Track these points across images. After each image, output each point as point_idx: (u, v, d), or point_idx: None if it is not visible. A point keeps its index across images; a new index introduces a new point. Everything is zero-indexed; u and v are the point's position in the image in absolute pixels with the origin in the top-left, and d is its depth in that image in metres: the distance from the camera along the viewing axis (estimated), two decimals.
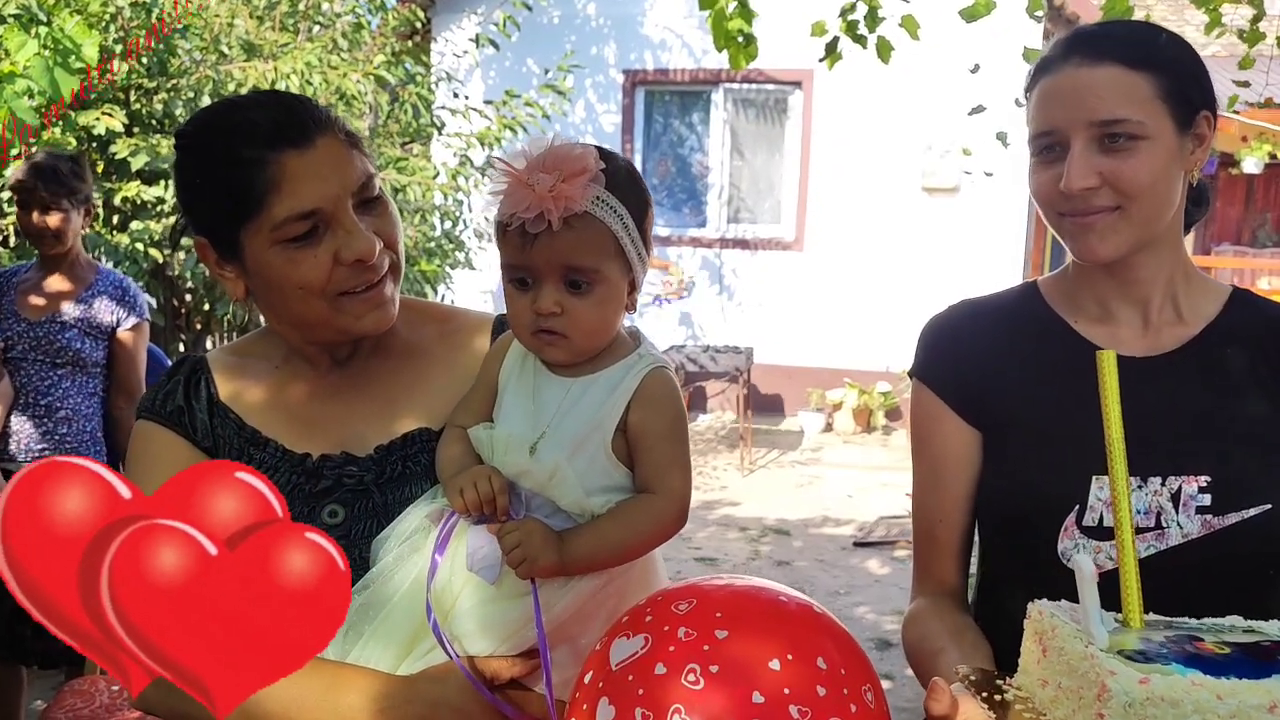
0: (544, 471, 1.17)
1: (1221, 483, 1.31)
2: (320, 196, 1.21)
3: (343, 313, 1.26)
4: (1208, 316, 1.41)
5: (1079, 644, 0.87)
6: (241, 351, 1.41)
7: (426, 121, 7.30)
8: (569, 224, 1.13)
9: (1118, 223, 1.31)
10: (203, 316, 5.95)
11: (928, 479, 1.49)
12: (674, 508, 1.20)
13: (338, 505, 1.29)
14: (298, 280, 1.22)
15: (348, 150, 1.25)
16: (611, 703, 0.97)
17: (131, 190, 5.19)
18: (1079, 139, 1.29)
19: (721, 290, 9.88)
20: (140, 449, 1.33)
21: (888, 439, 9.23)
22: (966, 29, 3.99)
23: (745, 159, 9.95)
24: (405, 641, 1.18)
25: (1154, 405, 1.34)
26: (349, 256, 1.22)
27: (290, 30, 6.54)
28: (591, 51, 9.70)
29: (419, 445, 1.33)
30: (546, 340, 1.21)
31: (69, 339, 3.28)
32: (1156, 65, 1.30)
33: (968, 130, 5.62)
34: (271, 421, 1.34)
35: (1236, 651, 0.86)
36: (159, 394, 1.34)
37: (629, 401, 1.20)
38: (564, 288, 1.18)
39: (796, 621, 1.03)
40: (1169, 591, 1.17)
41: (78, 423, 3.35)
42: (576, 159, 1.13)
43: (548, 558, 1.13)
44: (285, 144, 1.21)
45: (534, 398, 1.23)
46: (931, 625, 1.39)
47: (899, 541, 6.09)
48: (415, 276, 6.51)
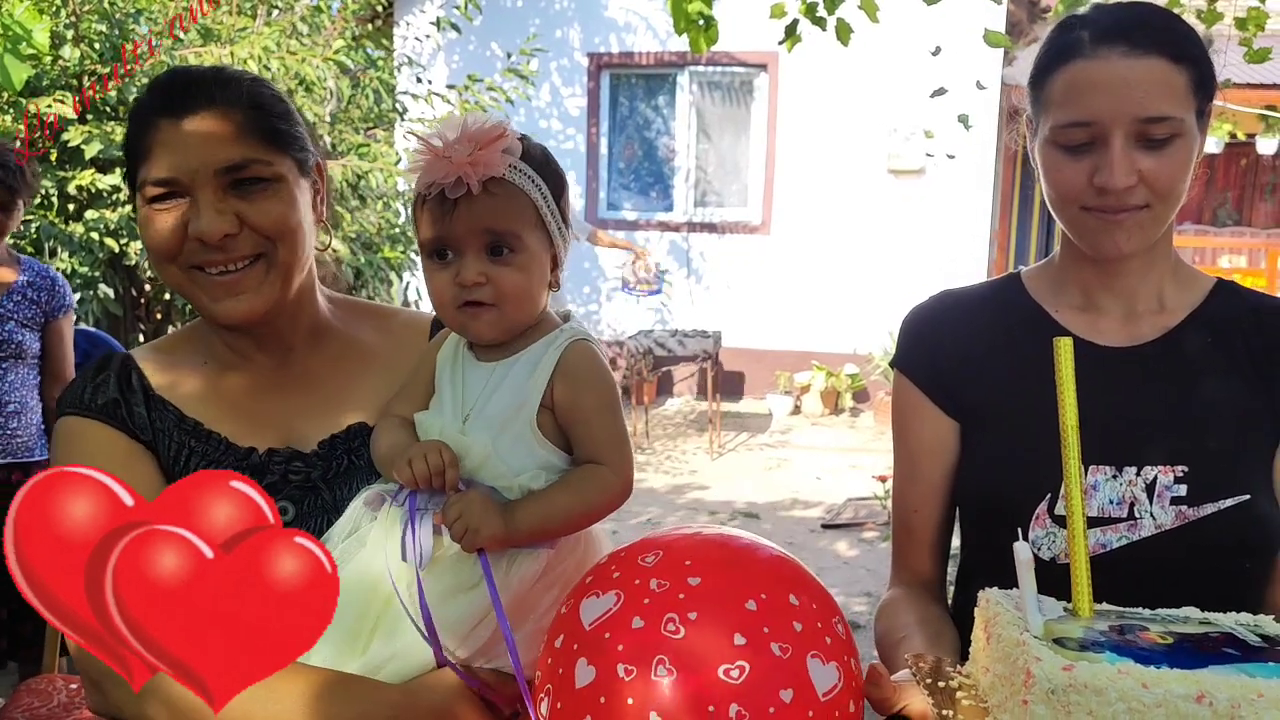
0: (471, 454, 1.17)
1: (1198, 473, 1.30)
2: (175, 167, 1.23)
3: (199, 288, 1.27)
4: (1190, 306, 1.39)
5: (1015, 631, 0.87)
6: (168, 348, 1.39)
7: (389, 107, 7.23)
8: (488, 189, 1.16)
9: (1144, 220, 1.28)
10: (163, 306, 5.86)
11: (905, 469, 1.48)
12: (620, 478, 1.20)
13: (287, 502, 1.28)
14: (148, 240, 1.27)
15: (236, 130, 1.25)
16: (590, 663, 0.96)
17: (86, 179, 5.10)
18: (1119, 133, 1.24)
19: (689, 274, 9.87)
20: (69, 446, 1.28)
21: (855, 421, 9.28)
22: (930, 11, 3.99)
23: (712, 142, 9.93)
24: (349, 636, 1.16)
25: (1131, 395, 1.34)
26: (192, 232, 1.24)
27: (248, 14, 6.44)
28: (556, 35, 9.63)
29: (361, 439, 1.32)
30: (471, 313, 1.21)
31: (9, 331, 3.25)
32: (1190, 58, 1.27)
33: (931, 112, 5.64)
34: (213, 415, 1.31)
35: (1181, 642, 0.85)
36: (85, 389, 1.30)
37: (551, 376, 1.20)
38: (486, 256, 1.19)
39: (761, 563, 1.04)
40: (1140, 582, 1.16)
41: (26, 415, 3.32)
42: (491, 129, 1.16)
43: (491, 526, 1.12)
44: (164, 111, 1.25)
45: (461, 384, 1.24)
46: (900, 617, 1.39)
47: (867, 523, 6.12)
48: (379, 264, 6.45)
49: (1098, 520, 1.31)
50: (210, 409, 1.32)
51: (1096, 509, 1.31)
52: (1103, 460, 1.32)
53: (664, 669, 0.92)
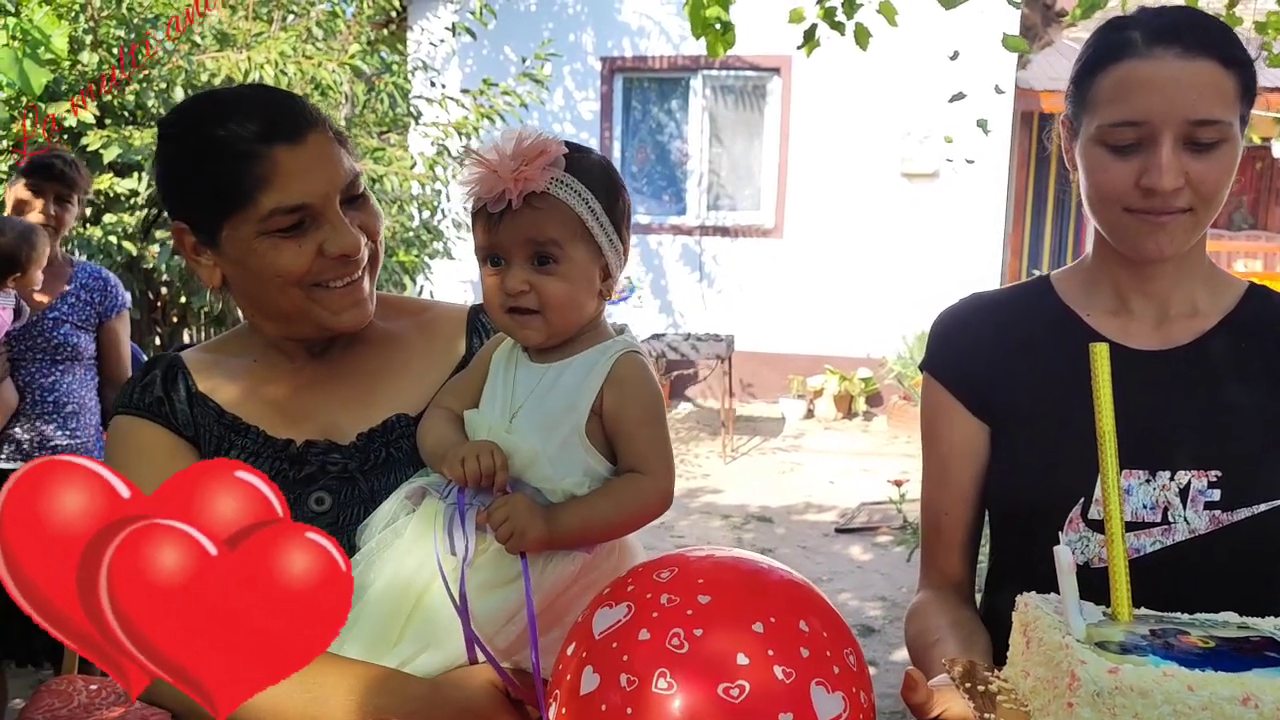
0: (519, 454, 1.20)
1: (1232, 478, 1.30)
2: (309, 192, 1.24)
3: (319, 305, 1.28)
4: (1223, 310, 1.39)
5: (1057, 635, 0.87)
6: (215, 349, 1.43)
7: (403, 111, 7.24)
8: (530, 203, 1.19)
9: (1186, 224, 1.28)
10: (179, 309, 5.89)
11: (936, 472, 1.48)
12: (661, 487, 1.23)
13: (324, 492, 1.30)
14: (279, 269, 1.25)
15: (336, 148, 1.29)
16: (596, 671, 0.97)
17: (104, 183, 5.13)
18: (1169, 135, 1.23)
19: (702, 278, 9.87)
20: (122, 443, 1.34)
21: (869, 425, 9.26)
22: (945, 15, 3.99)
23: (724, 145, 9.93)
24: (382, 627, 1.19)
25: (1164, 399, 1.34)
26: (334, 250, 1.25)
27: (264, 19, 6.46)
28: (569, 39, 9.65)
29: (399, 431, 1.35)
30: (519, 320, 1.25)
31: (65, 334, 3.28)
32: (1239, 63, 1.26)
33: (947, 116, 5.63)
34: (252, 411, 1.35)
35: (1221, 646, 0.85)
36: (135, 388, 1.35)
37: (602, 385, 1.23)
38: (531, 266, 1.23)
39: (777, 587, 1.04)
40: (1173, 587, 1.16)
41: (85, 416, 3.35)
42: (539, 145, 1.19)
43: (536, 530, 1.15)
44: (278, 139, 1.23)
45: (512, 383, 1.27)
46: (931, 619, 1.38)
47: (881, 527, 6.11)
48: (394, 267, 6.46)
49: (1132, 525, 1.31)
50: (250, 405, 1.35)
51: (1130, 514, 1.31)
52: (1136, 464, 1.31)
53: (665, 682, 0.93)
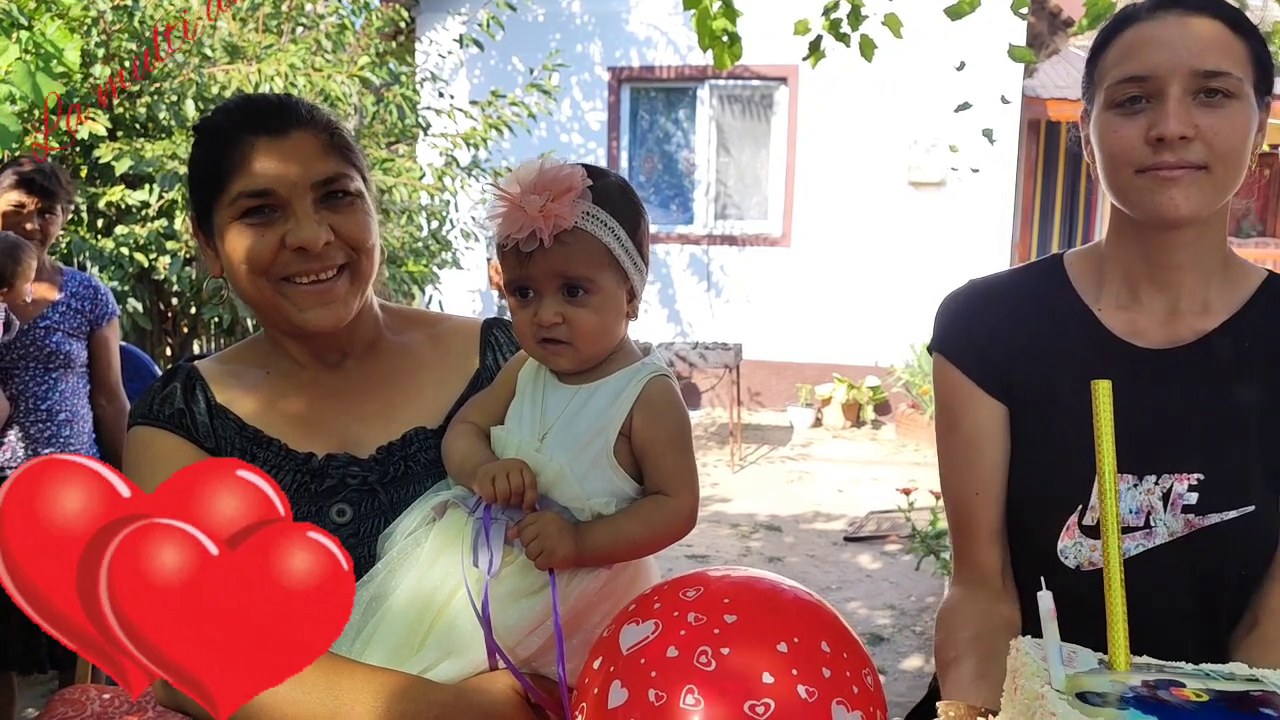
0: (546, 472, 1.21)
1: (1211, 482, 1.30)
2: (276, 180, 1.27)
3: (287, 300, 1.30)
4: (1233, 307, 1.36)
5: (1037, 684, 0.83)
6: (231, 359, 1.44)
7: (412, 122, 7.26)
8: (560, 239, 1.19)
9: (1202, 181, 1.26)
10: (189, 320, 5.92)
11: (960, 454, 1.43)
12: (686, 509, 1.25)
13: (345, 505, 1.32)
14: (243, 255, 1.28)
15: (324, 148, 1.31)
16: (624, 686, 0.99)
17: (116, 194, 5.16)
18: (1176, 86, 1.24)
19: (709, 287, 9.88)
20: (141, 455, 1.34)
21: (877, 433, 9.25)
22: (951, 25, 4.00)
23: (731, 155, 9.94)
24: (404, 635, 1.21)
25: (1158, 401, 1.33)
26: (293, 242, 1.27)
27: (274, 32, 6.50)
28: (577, 49, 9.68)
29: (418, 444, 1.37)
30: (551, 350, 1.25)
31: (57, 342, 3.30)
32: (1248, 32, 1.27)
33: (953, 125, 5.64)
34: (272, 423, 1.36)
35: (1215, 700, 0.81)
36: (154, 400, 1.36)
37: (631, 408, 1.24)
38: (562, 297, 1.23)
39: (797, 608, 1.07)
40: (1152, 589, 1.16)
41: (77, 424, 3.36)
42: (564, 179, 1.18)
43: (565, 548, 1.17)
44: (261, 130, 1.28)
45: (541, 403, 1.28)
46: (956, 631, 1.35)
47: (890, 536, 6.10)
48: (403, 277, 6.48)
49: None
50: (269, 417, 1.36)
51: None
52: (1126, 469, 1.30)
53: (692, 698, 0.95)
